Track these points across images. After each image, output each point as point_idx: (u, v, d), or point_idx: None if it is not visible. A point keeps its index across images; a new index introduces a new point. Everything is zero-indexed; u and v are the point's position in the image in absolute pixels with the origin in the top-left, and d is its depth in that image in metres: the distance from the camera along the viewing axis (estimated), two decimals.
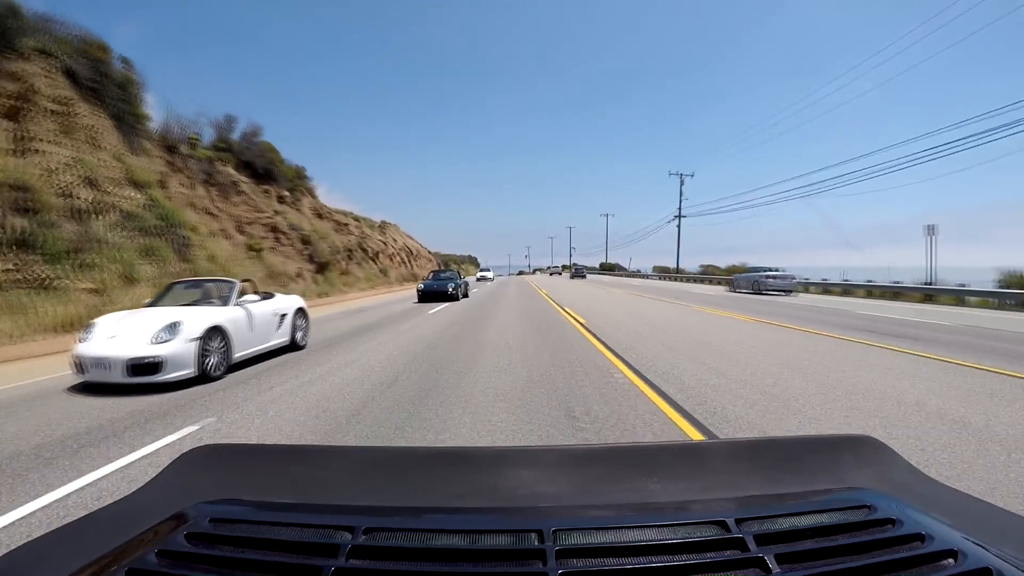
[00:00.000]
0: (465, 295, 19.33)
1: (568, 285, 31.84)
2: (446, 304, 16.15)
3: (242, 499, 0.70)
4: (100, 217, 12.61)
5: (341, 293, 22.51)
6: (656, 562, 0.52)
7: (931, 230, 20.35)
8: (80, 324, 7.40)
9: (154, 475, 0.87)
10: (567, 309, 13.53)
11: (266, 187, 24.60)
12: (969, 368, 5.65)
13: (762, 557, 0.52)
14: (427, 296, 17.34)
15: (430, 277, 20.29)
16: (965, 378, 5.15)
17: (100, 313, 7.24)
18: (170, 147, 18.49)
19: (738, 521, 0.58)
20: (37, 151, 12.06)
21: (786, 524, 0.59)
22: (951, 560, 0.53)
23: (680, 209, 45.60)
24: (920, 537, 0.56)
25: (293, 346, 7.27)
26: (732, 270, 34.04)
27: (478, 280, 42.71)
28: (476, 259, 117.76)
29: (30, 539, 0.66)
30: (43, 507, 2.60)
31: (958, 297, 16.92)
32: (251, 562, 0.54)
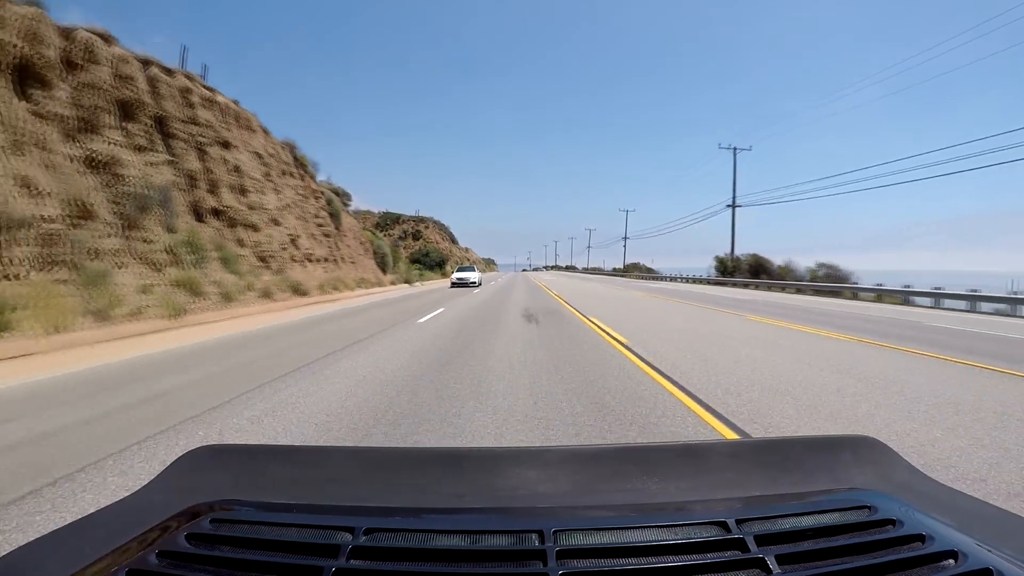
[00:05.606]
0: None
1: (547, 275, 56.67)
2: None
3: (243, 499, 0.71)
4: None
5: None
6: (657, 562, 0.52)
7: None
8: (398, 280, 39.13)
9: (155, 475, 0.87)
10: (540, 282, 36.66)
11: (453, 240, 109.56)
12: None
13: (763, 558, 0.53)
14: None
15: None
16: None
17: (424, 277, 43.25)
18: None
19: (739, 521, 0.58)
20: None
21: (787, 524, 0.59)
22: (952, 561, 0.53)
23: (589, 242, 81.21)
24: (921, 537, 0.57)
25: (478, 284, 28.70)
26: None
27: (453, 285, 27.35)
28: (494, 260, 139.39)
29: (31, 540, 0.66)
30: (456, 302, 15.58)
31: None
32: (252, 562, 0.53)
